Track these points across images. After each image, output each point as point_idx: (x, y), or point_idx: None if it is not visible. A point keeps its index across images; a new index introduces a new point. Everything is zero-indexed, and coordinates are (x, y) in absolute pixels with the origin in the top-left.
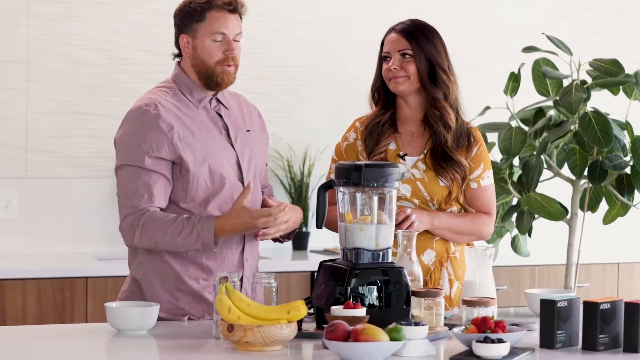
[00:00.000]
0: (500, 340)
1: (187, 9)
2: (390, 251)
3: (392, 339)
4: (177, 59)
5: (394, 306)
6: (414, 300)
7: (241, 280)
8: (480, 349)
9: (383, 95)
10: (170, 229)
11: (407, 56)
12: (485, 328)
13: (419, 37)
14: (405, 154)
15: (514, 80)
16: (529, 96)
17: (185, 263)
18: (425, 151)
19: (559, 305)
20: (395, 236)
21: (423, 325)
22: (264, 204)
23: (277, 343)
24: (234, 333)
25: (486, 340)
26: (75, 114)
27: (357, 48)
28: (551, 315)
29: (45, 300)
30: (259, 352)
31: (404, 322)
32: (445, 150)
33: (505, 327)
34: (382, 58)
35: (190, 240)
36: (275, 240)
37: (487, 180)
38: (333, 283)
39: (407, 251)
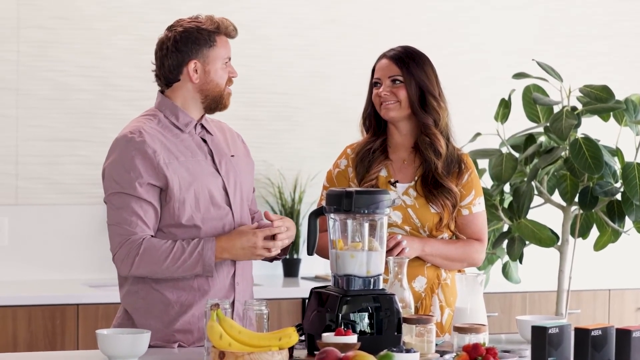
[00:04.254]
0: None
1: (195, 35)
2: (381, 278)
3: None
4: (163, 87)
5: (385, 333)
6: (405, 327)
7: (233, 304)
8: None
9: (374, 122)
10: (171, 255)
11: (398, 82)
12: (477, 355)
13: (409, 63)
14: (396, 181)
15: (505, 106)
16: (519, 122)
17: (175, 289)
18: (416, 178)
19: (550, 331)
20: (386, 263)
21: (414, 352)
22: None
23: None
24: None
25: None
26: (66, 141)
27: (348, 75)
28: (542, 342)
29: (36, 327)
30: None
31: (395, 349)
32: (436, 177)
33: (496, 354)
34: (373, 84)
35: (191, 263)
36: (272, 259)
37: (478, 206)
38: (324, 310)
39: (398, 278)
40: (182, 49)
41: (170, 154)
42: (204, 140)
